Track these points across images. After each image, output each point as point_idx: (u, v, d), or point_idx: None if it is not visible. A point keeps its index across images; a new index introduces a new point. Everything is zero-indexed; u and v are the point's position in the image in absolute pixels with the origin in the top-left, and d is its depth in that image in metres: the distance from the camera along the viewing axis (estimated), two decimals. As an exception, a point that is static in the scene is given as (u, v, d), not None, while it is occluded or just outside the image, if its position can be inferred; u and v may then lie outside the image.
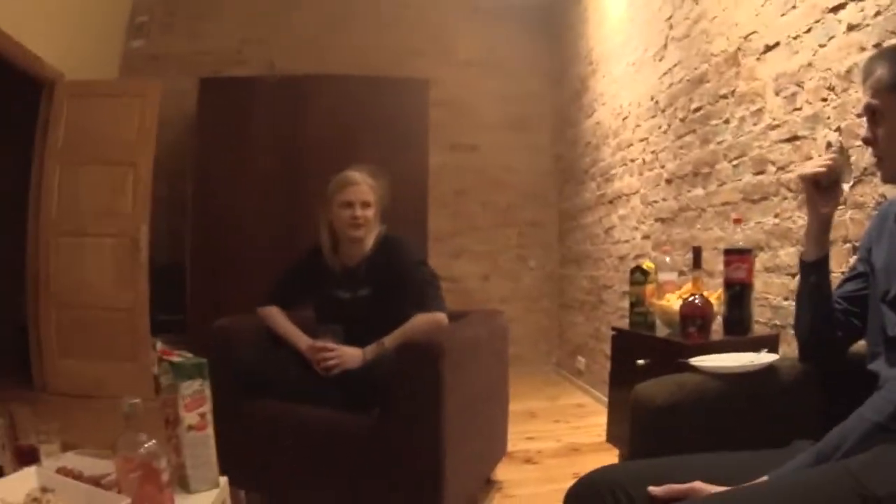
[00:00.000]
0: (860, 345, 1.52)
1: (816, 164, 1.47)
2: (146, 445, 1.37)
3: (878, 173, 1.40)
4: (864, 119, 1.37)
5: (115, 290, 4.72)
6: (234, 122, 5.04)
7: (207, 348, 2.26)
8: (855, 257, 1.62)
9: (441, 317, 2.50)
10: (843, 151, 1.53)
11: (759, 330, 2.58)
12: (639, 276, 2.75)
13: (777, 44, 2.64)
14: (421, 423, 2.15)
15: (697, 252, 2.40)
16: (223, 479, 1.63)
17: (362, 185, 2.65)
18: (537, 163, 6.15)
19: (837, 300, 1.55)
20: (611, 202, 4.65)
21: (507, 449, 3.15)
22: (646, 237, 4.00)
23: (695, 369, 1.59)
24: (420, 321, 2.46)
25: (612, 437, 2.94)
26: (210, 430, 1.63)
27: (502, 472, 3.13)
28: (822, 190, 1.46)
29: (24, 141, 4.85)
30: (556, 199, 6.09)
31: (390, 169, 4.99)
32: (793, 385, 1.56)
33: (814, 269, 1.52)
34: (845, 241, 2.21)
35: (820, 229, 1.52)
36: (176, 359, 1.69)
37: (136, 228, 4.69)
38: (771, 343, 2.42)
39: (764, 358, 1.59)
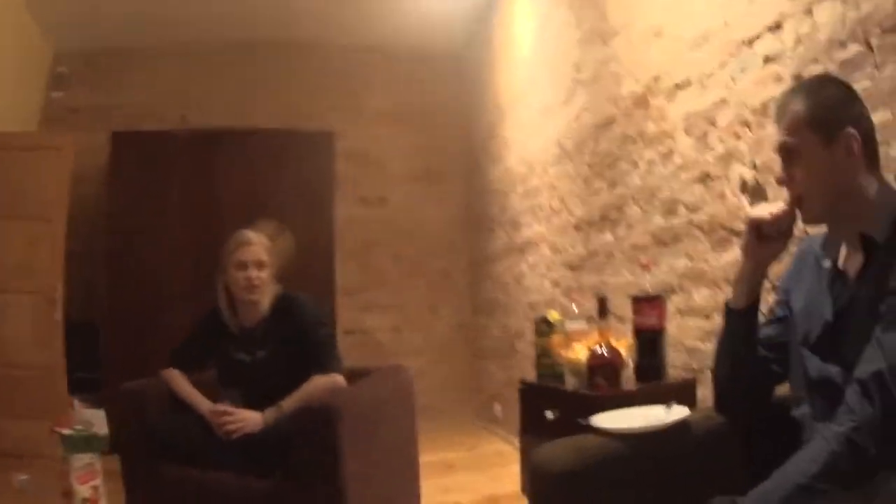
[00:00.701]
0: (784, 389, 1.44)
1: (768, 209, 1.36)
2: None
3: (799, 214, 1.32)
4: (779, 159, 1.30)
5: (32, 349, 4.53)
6: (147, 176, 5.01)
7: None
8: (773, 300, 1.54)
9: (338, 378, 2.47)
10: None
11: (674, 374, 2.47)
12: (544, 327, 2.65)
13: (688, 82, 2.60)
14: (320, 487, 2.09)
15: (602, 302, 2.28)
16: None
17: (256, 246, 2.62)
18: (447, 212, 6.07)
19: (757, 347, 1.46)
20: (520, 250, 4.56)
21: None
22: (555, 284, 3.91)
23: (598, 430, 1.45)
24: (317, 383, 2.42)
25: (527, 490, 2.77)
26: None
27: None
28: (765, 237, 1.36)
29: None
30: (466, 248, 6.01)
31: (297, 223, 4.98)
32: (707, 439, 1.45)
33: (741, 318, 1.43)
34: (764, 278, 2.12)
35: (753, 276, 1.41)
36: (66, 431, 1.81)
37: (51, 286, 4.51)
38: (688, 388, 2.33)
39: (674, 413, 1.48)
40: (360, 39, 5.82)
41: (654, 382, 2.25)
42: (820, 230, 1.39)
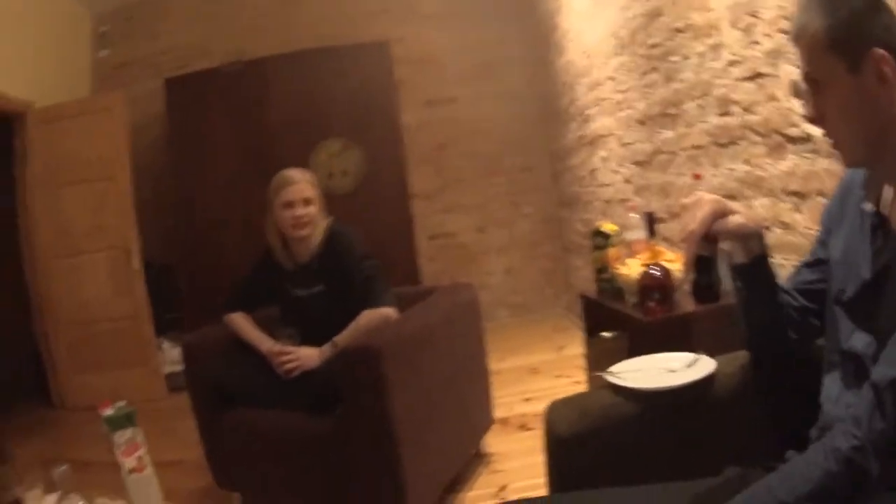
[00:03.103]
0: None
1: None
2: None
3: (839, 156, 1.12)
4: (799, 93, 1.11)
5: (115, 301, 4.85)
6: (205, 116, 5.09)
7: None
8: (816, 236, 1.35)
9: (388, 311, 2.49)
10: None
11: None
12: (600, 239, 2.57)
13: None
14: (372, 423, 2.15)
15: (650, 219, 2.20)
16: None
17: (301, 184, 2.61)
18: (518, 107, 5.89)
19: (792, 293, 1.30)
20: (591, 143, 4.42)
21: (502, 415, 3.14)
22: (627, 181, 3.79)
23: (612, 386, 1.41)
24: (367, 318, 2.46)
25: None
26: (149, 471, 1.81)
27: (495, 442, 3.08)
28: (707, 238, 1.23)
29: (9, 169, 4.93)
30: (544, 142, 5.86)
31: (364, 136, 5.07)
32: (728, 400, 1.36)
33: (742, 274, 1.28)
34: (820, 194, 1.98)
35: (736, 242, 1.25)
36: (107, 412, 1.83)
37: (124, 238, 4.79)
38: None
39: (697, 368, 1.40)
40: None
41: (709, 303, 2.18)
42: None
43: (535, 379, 4.11)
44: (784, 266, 2.07)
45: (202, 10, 5.67)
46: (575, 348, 4.70)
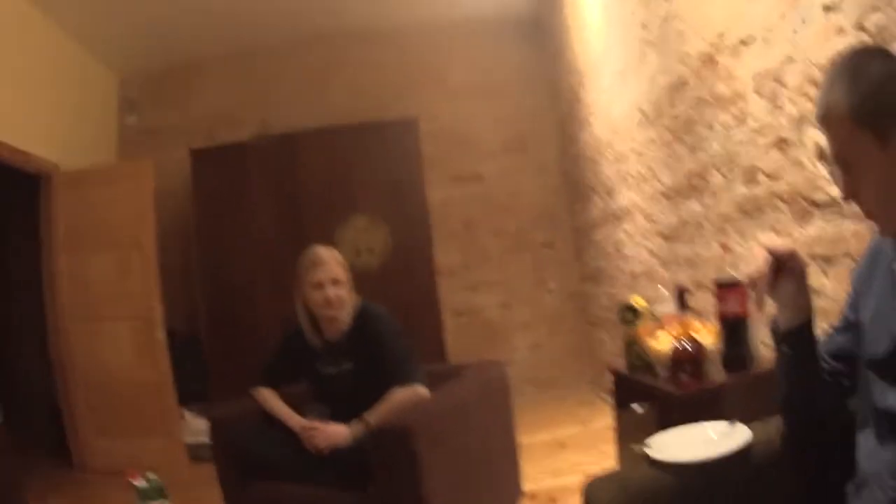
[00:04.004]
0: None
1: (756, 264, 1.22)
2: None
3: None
4: (831, 167, 1.12)
5: (138, 369, 4.82)
6: (230, 187, 5.14)
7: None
8: (845, 300, 1.33)
9: (420, 390, 2.48)
10: None
11: (766, 356, 2.30)
12: (628, 314, 2.52)
13: (752, 38, 2.38)
14: (402, 501, 2.14)
15: (682, 292, 2.15)
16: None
17: (330, 264, 2.61)
18: (544, 181, 5.95)
19: (824, 357, 1.29)
20: (616, 217, 4.41)
21: (531, 489, 3.13)
22: (652, 254, 3.75)
23: (650, 461, 1.37)
24: (399, 396, 2.44)
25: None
26: None
27: None
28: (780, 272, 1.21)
29: (36, 230, 5.00)
30: (567, 218, 5.88)
31: (390, 212, 5.10)
32: (764, 468, 1.33)
33: (788, 339, 1.26)
34: (847, 256, 1.94)
35: (793, 298, 1.24)
36: (140, 483, 1.97)
37: (148, 308, 4.77)
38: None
39: (734, 437, 1.36)
40: (431, 18, 5.74)
41: (740, 371, 2.12)
42: None
43: (563, 453, 4.06)
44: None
45: (232, 80, 5.80)
46: (601, 422, 4.62)
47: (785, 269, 1.21)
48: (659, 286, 2.75)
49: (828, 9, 1.90)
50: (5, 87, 4.27)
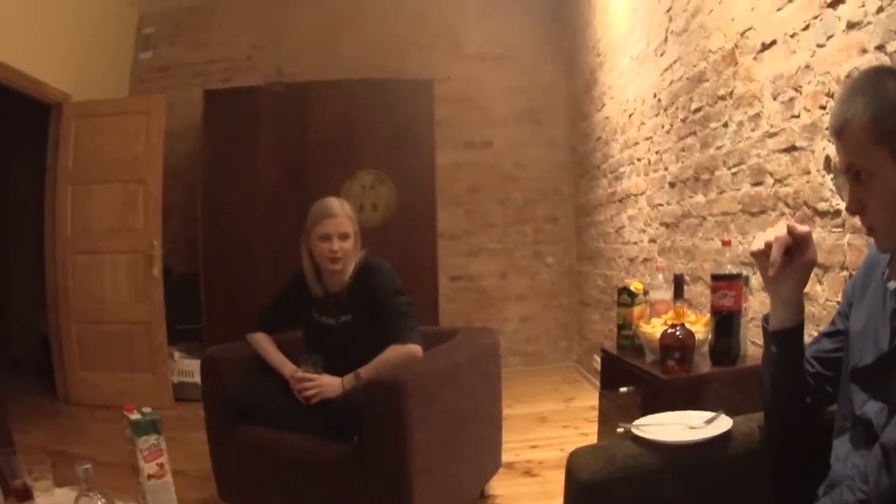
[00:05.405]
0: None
1: (765, 238, 1.23)
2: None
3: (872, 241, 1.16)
4: (838, 179, 1.16)
5: (131, 304, 4.84)
6: (241, 132, 5.09)
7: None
8: (838, 307, 1.40)
9: (414, 349, 2.52)
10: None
11: (753, 352, 2.38)
12: (625, 297, 2.59)
13: (774, 42, 2.41)
14: (388, 455, 2.20)
15: (679, 280, 2.22)
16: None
17: (341, 218, 2.63)
18: (553, 156, 5.95)
19: (810, 361, 1.34)
20: (620, 201, 4.45)
21: (508, 460, 3.16)
22: (652, 241, 3.80)
23: (634, 438, 1.44)
24: (393, 354, 2.48)
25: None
26: (168, 478, 1.88)
27: (500, 485, 3.09)
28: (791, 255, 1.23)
29: (41, 160, 4.98)
30: (571, 194, 5.91)
31: (397, 170, 5.10)
32: (743, 456, 1.40)
33: (778, 340, 1.30)
34: (843, 267, 2.01)
35: (792, 293, 1.27)
36: (134, 416, 1.89)
37: (148, 244, 4.78)
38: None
39: (716, 426, 1.44)
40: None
41: (727, 366, 2.19)
42: None
43: (543, 427, 4.12)
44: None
45: (250, 26, 5.74)
46: (583, 401, 4.73)
47: (794, 258, 1.23)
48: (658, 273, 2.81)
49: (852, 26, 1.93)
50: (23, 15, 4.23)
